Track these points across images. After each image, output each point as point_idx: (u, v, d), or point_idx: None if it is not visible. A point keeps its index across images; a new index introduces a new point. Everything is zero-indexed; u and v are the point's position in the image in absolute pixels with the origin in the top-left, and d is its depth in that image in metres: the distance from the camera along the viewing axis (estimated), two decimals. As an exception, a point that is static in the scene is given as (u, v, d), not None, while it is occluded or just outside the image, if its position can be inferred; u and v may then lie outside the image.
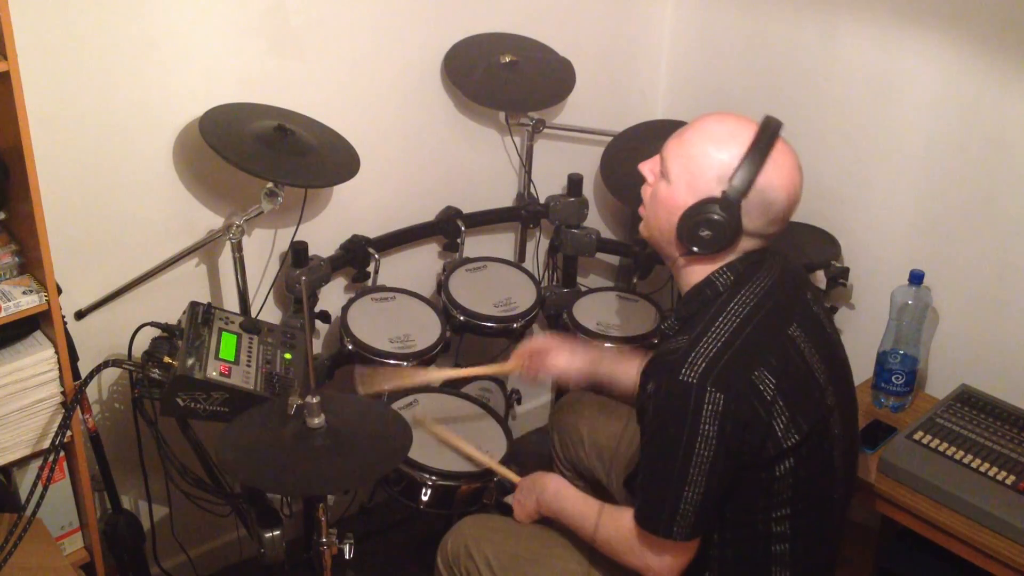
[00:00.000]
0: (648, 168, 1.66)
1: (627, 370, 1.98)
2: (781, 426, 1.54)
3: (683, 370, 1.52)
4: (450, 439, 2.07)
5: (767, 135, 1.57)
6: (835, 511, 1.71)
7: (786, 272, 1.67)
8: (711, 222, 1.56)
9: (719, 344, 1.54)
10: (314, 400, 1.67)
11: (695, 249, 1.59)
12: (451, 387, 2.42)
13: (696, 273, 1.64)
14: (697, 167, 1.57)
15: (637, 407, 1.65)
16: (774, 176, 1.55)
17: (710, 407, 1.50)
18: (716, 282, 1.62)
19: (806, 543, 1.65)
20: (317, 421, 1.68)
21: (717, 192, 1.55)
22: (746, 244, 1.60)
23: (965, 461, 1.98)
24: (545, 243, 2.80)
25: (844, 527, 1.78)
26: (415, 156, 2.50)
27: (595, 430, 2.11)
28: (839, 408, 1.66)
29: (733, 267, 1.61)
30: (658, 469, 1.58)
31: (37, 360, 1.83)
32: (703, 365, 1.52)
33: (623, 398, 2.05)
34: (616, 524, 1.69)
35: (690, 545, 1.61)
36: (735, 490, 1.58)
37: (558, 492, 1.84)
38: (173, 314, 2.06)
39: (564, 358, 2.01)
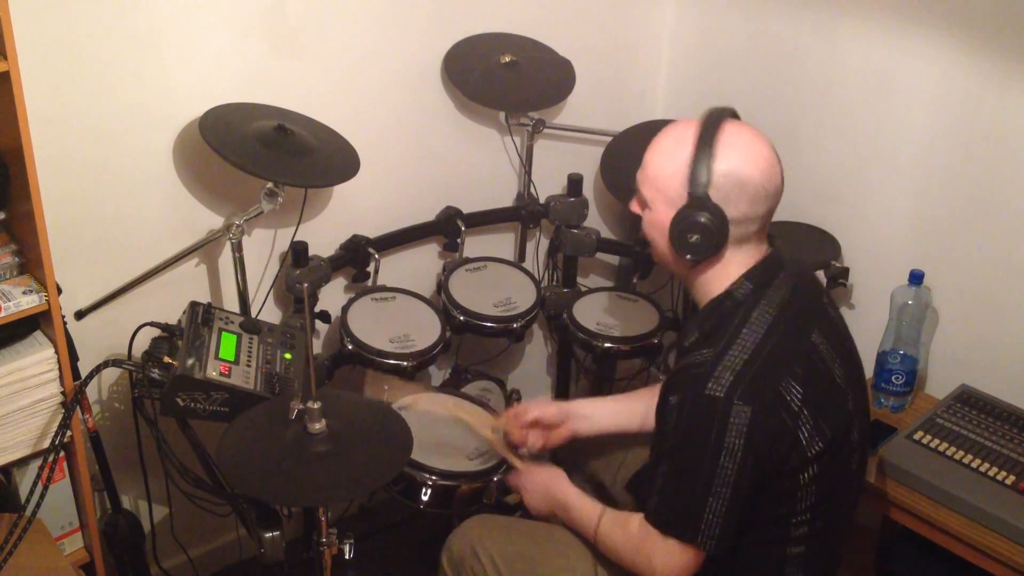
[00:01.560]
0: (635, 205, 1.70)
1: (600, 410, 2.00)
2: (805, 435, 1.55)
3: (709, 384, 1.52)
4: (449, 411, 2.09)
5: (710, 124, 1.58)
6: (849, 514, 1.73)
7: (802, 277, 1.67)
8: (693, 225, 1.57)
9: (746, 356, 1.54)
10: (315, 405, 1.67)
11: (690, 257, 1.60)
12: (451, 387, 2.42)
13: (713, 285, 1.64)
14: (662, 184, 1.60)
15: (656, 415, 1.65)
16: (733, 156, 1.56)
17: (736, 420, 1.50)
18: (735, 292, 1.62)
19: (820, 545, 1.66)
20: (318, 426, 1.68)
21: (686, 197, 1.57)
22: (743, 231, 1.59)
23: (965, 461, 1.98)
24: (545, 243, 2.80)
25: (852, 527, 1.79)
26: (415, 156, 2.50)
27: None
28: (857, 413, 1.66)
29: (751, 276, 1.61)
30: (682, 480, 1.58)
31: (37, 360, 1.83)
32: (731, 378, 1.52)
33: (603, 436, 2.04)
34: (622, 528, 1.69)
35: (701, 557, 1.59)
36: (759, 497, 1.58)
37: (559, 487, 1.85)
38: (173, 314, 2.06)
39: (537, 409, 2.00)
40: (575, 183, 2.61)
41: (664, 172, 1.60)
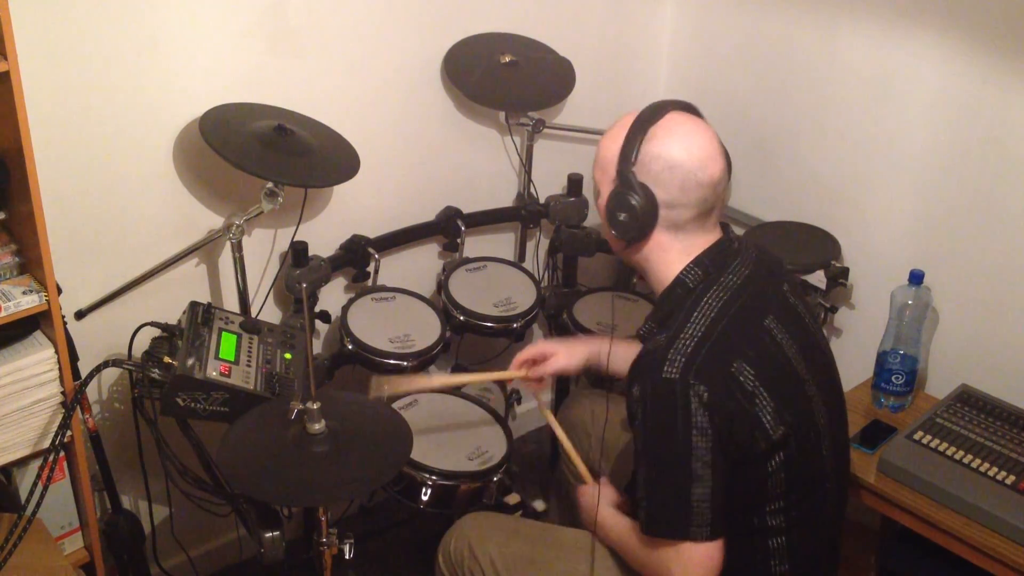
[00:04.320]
0: (592, 192, 1.73)
1: (625, 354, 1.98)
2: (768, 417, 1.55)
3: (665, 367, 1.53)
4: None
5: (651, 110, 1.61)
6: (828, 503, 1.72)
7: (761, 264, 1.68)
8: (621, 203, 1.60)
9: (696, 339, 1.56)
10: (315, 406, 1.67)
11: (616, 234, 1.62)
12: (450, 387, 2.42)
13: (660, 272, 1.66)
14: (604, 164, 1.65)
15: (627, 413, 1.65)
16: (666, 140, 1.58)
17: (696, 399, 1.51)
18: (685, 279, 1.64)
19: (802, 535, 1.66)
20: (317, 427, 1.68)
21: (616, 176, 1.61)
22: (676, 216, 1.61)
23: (965, 461, 1.98)
24: (545, 243, 2.80)
25: (842, 519, 1.79)
26: (415, 156, 2.50)
27: (599, 426, 2.11)
28: (822, 399, 1.67)
29: (700, 262, 1.63)
30: (660, 472, 1.58)
31: (37, 360, 1.83)
32: (683, 361, 1.53)
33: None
34: (631, 537, 1.68)
35: (714, 547, 1.57)
36: (731, 487, 1.58)
37: (594, 505, 1.83)
38: (173, 314, 2.06)
39: (562, 360, 2.01)
40: (575, 183, 2.62)
41: (607, 153, 1.64)
